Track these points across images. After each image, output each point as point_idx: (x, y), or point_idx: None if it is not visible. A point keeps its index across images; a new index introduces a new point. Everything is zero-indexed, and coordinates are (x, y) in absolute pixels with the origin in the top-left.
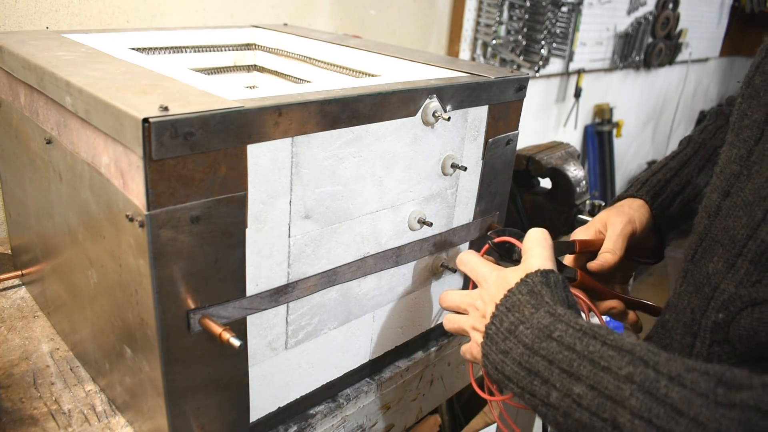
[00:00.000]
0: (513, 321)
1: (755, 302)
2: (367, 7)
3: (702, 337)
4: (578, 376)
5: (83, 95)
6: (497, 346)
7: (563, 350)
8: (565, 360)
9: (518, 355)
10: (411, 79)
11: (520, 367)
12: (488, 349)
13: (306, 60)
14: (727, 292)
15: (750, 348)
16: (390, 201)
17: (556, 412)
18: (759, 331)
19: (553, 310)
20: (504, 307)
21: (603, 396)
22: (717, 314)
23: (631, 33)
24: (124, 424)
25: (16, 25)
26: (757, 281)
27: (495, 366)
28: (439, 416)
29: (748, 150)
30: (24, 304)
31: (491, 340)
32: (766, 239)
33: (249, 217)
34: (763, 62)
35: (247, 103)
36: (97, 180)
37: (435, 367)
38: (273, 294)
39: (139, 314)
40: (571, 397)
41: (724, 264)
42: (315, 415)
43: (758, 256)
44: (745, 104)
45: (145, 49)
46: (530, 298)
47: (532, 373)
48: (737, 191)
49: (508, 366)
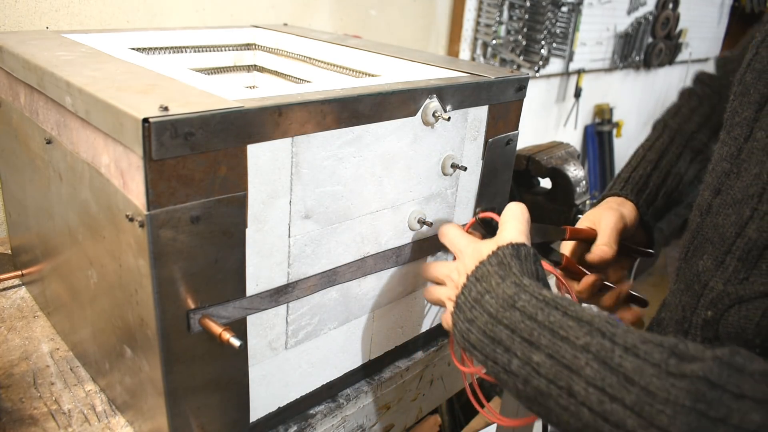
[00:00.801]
0: (480, 290)
1: (742, 300)
2: (367, 7)
3: (693, 334)
4: (538, 345)
5: (83, 95)
6: (464, 314)
7: (525, 320)
8: (527, 329)
9: (483, 323)
10: (411, 79)
11: (484, 336)
12: (456, 318)
13: (306, 60)
14: (716, 290)
15: (738, 345)
16: (390, 201)
17: (516, 380)
18: (746, 329)
19: (519, 280)
20: (474, 278)
21: (560, 365)
22: (706, 312)
23: (631, 33)
24: (124, 424)
25: (16, 25)
26: (744, 278)
27: (462, 334)
28: (439, 416)
29: (738, 148)
30: (24, 304)
31: (460, 309)
32: (753, 236)
33: (249, 217)
34: (754, 60)
35: (247, 103)
36: (97, 180)
37: (435, 367)
38: (273, 294)
39: (139, 314)
40: (530, 365)
41: (714, 261)
42: (315, 415)
43: (746, 254)
44: (736, 101)
45: (145, 49)
46: (498, 269)
47: (495, 342)
48: (727, 189)
49: (473, 334)
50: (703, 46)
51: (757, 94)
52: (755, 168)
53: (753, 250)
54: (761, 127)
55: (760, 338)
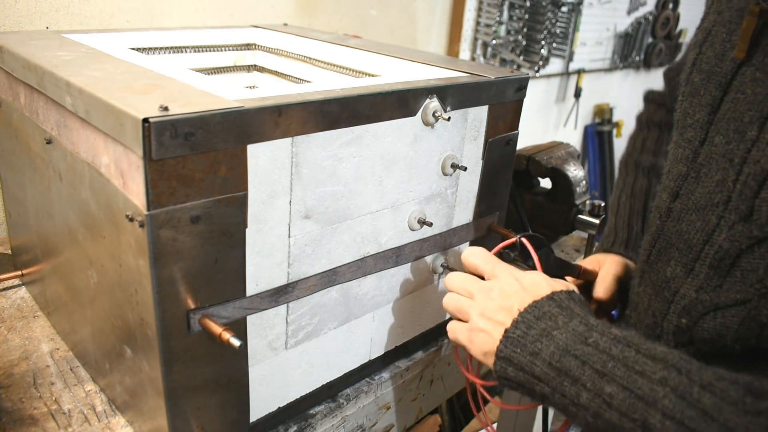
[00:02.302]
0: (545, 327)
1: (718, 307)
2: (367, 7)
3: (665, 339)
4: (611, 376)
5: (83, 95)
6: (525, 348)
7: (598, 353)
8: (599, 361)
9: (549, 355)
10: (411, 79)
11: (551, 368)
12: (510, 351)
13: (306, 60)
14: (688, 297)
15: (714, 349)
16: (390, 201)
17: (585, 413)
18: (723, 335)
19: (587, 320)
20: (532, 316)
21: (635, 396)
22: (679, 319)
23: (631, 33)
24: (124, 424)
25: (16, 25)
26: (718, 286)
27: (522, 367)
28: (439, 416)
29: (694, 151)
30: (24, 304)
31: (515, 343)
32: (725, 246)
33: (249, 217)
34: (698, 59)
35: (247, 103)
36: (97, 180)
37: (435, 367)
38: (273, 294)
39: (139, 314)
40: (602, 397)
41: (683, 269)
42: (315, 415)
43: (717, 262)
44: (686, 102)
45: (145, 49)
46: (561, 310)
47: (563, 373)
48: (687, 194)
49: (537, 367)
50: None
51: (708, 96)
52: (716, 174)
53: (725, 259)
54: (718, 131)
55: (739, 343)
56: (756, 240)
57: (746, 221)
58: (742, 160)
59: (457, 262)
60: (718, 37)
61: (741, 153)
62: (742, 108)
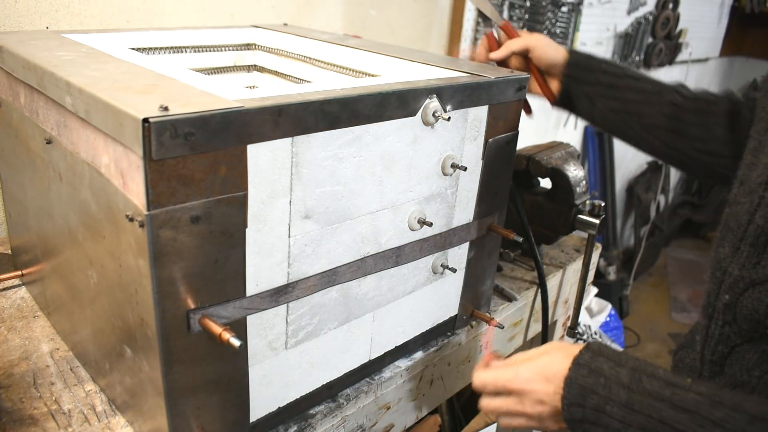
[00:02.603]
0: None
1: (755, 283)
2: (367, 7)
3: (716, 318)
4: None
5: (83, 95)
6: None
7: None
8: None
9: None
10: (411, 79)
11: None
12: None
13: (306, 60)
14: (733, 275)
15: (751, 327)
16: (390, 201)
17: None
18: (758, 309)
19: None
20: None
21: None
22: (725, 296)
23: (631, 33)
24: (124, 424)
25: (16, 25)
26: (756, 263)
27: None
28: (439, 416)
29: (760, 141)
30: (24, 304)
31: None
32: (760, 223)
33: (249, 217)
34: None
35: (247, 103)
36: (97, 180)
37: (435, 367)
38: (273, 294)
39: (139, 314)
40: None
41: (731, 248)
42: (315, 415)
43: (755, 239)
44: (764, 99)
45: (145, 49)
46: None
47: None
48: (746, 179)
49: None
50: (703, 46)
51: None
52: (766, 158)
53: (761, 236)
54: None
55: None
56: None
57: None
58: None
59: None
60: None
61: None
62: None
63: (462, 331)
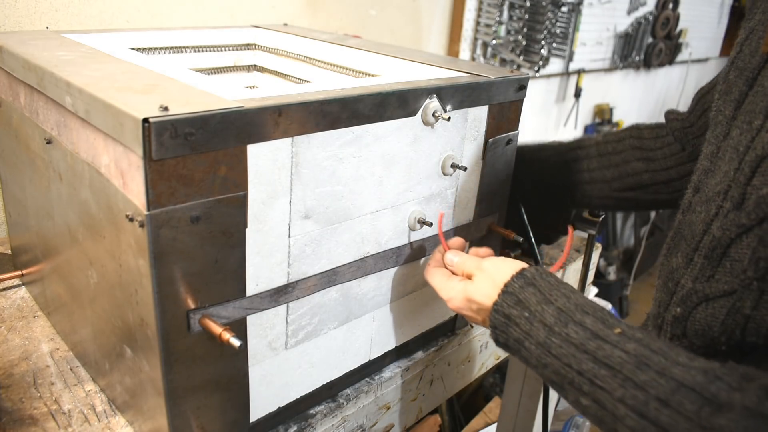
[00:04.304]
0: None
1: (708, 298)
2: (367, 7)
3: (665, 330)
4: (581, 390)
5: (83, 95)
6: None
7: (563, 368)
8: (568, 377)
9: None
10: (411, 79)
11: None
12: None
13: (306, 60)
14: (686, 287)
15: (705, 343)
16: (390, 201)
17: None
18: (712, 327)
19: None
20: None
21: (604, 410)
22: (676, 309)
23: (631, 33)
24: (124, 424)
25: (16, 25)
26: (710, 276)
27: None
28: (439, 416)
29: (717, 146)
30: (24, 304)
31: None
32: (717, 234)
33: (249, 217)
34: (737, 58)
35: (247, 103)
36: (97, 180)
37: (435, 367)
38: (273, 294)
39: (139, 314)
40: (580, 406)
41: (684, 259)
42: (315, 415)
43: (710, 251)
44: (720, 100)
45: (145, 49)
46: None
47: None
48: (703, 187)
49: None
50: (703, 46)
51: (737, 92)
52: (725, 165)
53: (717, 248)
54: (737, 125)
55: (725, 336)
56: (744, 229)
57: (738, 209)
58: (746, 149)
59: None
60: (756, 35)
61: (746, 142)
62: (759, 100)
63: (462, 331)
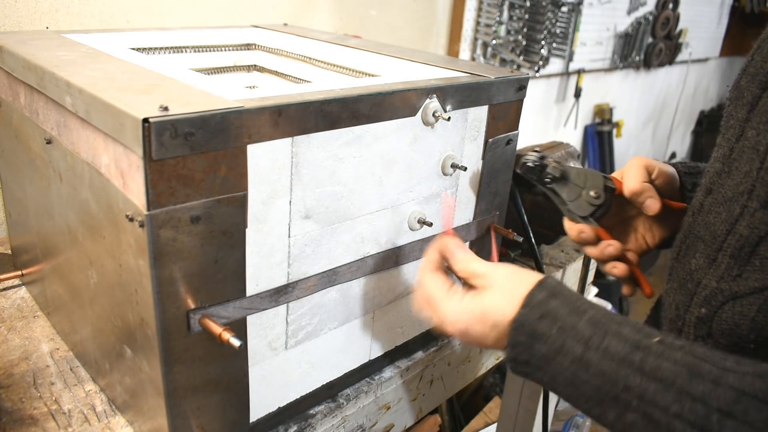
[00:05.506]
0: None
1: (736, 296)
2: (367, 7)
3: (686, 332)
4: (628, 406)
5: (83, 95)
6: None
7: (605, 385)
8: (612, 392)
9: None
10: (411, 79)
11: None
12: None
13: (306, 60)
14: (709, 287)
15: (731, 342)
16: (390, 201)
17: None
18: (740, 325)
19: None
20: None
21: (655, 425)
22: (700, 309)
23: (631, 33)
24: (124, 424)
25: (16, 25)
26: (737, 275)
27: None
28: (439, 416)
29: (730, 148)
30: (24, 304)
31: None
32: (744, 233)
33: (249, 217)
34: (749, 65)
35: (247, 103)
36: (97, 180)
37: (435, 367)
38: (273, 294)
39: (139, 314)
40: (624, 422)
41: (706, 259)
42: (315, 415)
43: (737, 251)
44: (731, 106)
45: (145, 49)
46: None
47: (586, 398)
48: (718, 188)
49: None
50: (703, 46)
51: (749, 96)
52: (745, 166)
53: (745, 247)
54: (752, 126)
55: (754, 333)
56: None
57: (765, 207)
58: (767, 148)
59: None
60: (767, 44)
61: (765, 142)
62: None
63: None
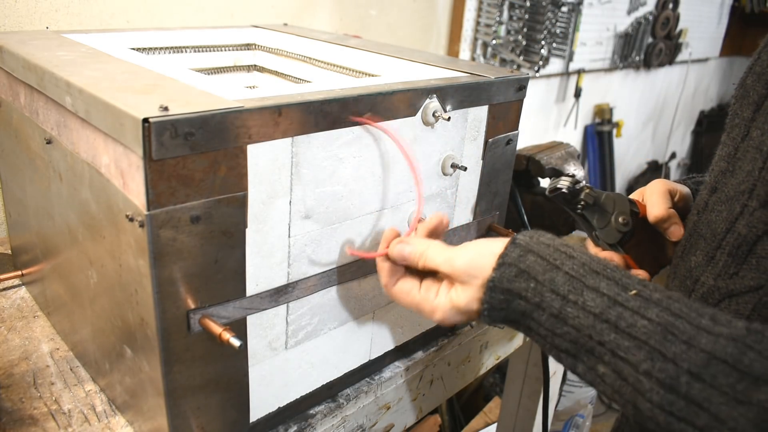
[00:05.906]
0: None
1: (732, 294)
2: (367, 7)
3: None
4: (600, 358)
5: (83, 95)
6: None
7: (581, 338)
8: (587, 344)
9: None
10: (411, 79)
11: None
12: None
13: (306, 60)
14: (707, 285)
15: None
16: (390, 201)
17: (583, 378)
18: None
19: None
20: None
21: (624, 381)
22: None
23: (631, 33)
24: (124, 424)
25: (16, 25)
26: (734, 273)
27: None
28: (439, 416)
29: (735, 147)
30: (24, 304)
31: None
32: (743, 232)
33: (249, 217)
34: (755, 64)
35: (247, 103)
36: (97, 180)
37: (435, 367)
38: (273, 294)
39: (139, 314)
40: (595, 372)
41: (705, 257)
42: (315, 415)
43: (735, 249)
44: (737, 105)
45: (145, 49)
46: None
47: (562, 352)
48: (722, 187)
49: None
50: (703, 46)
51: (755, 95)
52: (748, 165)
53: (742, 246)
54: (757, 126)
55: None
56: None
57: (764, 207)
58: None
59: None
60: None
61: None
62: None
63: (462, 331)
